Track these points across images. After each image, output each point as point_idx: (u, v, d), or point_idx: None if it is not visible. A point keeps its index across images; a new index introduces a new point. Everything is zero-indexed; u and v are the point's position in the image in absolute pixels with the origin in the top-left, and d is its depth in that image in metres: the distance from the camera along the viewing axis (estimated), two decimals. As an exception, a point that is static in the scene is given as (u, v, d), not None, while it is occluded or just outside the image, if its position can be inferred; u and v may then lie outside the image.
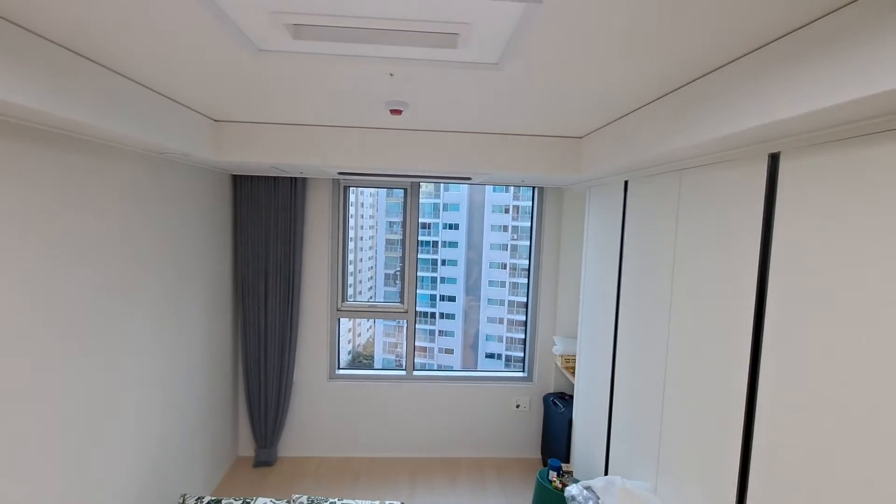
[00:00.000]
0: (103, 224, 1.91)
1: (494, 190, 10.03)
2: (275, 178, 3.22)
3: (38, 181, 1.57)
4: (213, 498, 2.28)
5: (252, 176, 3.22)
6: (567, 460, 3.09)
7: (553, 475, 2.53)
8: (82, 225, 1.79)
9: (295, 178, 3.24)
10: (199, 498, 2.28)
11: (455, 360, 10.46)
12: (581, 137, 2.47)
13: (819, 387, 1.17)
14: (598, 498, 1.94)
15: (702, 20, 1.02)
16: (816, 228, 1.20)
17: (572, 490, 2.02)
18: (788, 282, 1.28)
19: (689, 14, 0.99)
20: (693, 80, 1.43)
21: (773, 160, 1.37)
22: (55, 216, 1.65)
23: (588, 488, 2.02)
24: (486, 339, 10.23)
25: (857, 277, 1.08)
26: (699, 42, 1.14)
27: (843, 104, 0.94)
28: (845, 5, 0.92)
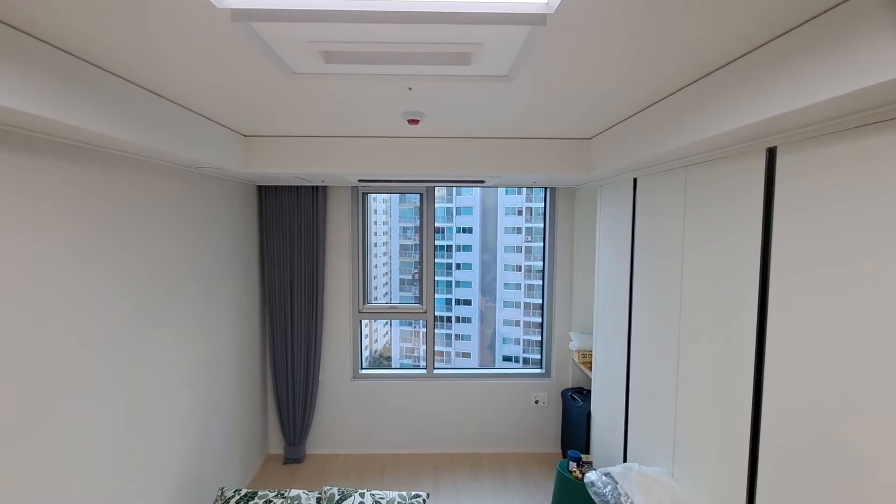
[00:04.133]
0: (143, 233, 2.08)
1: (507, 192, 10.12)
2: (297, 187, 3.39)
3: (83, 196, 1.75)
4: (250, 490, 2.42)
5: (276, 186, 3.39)
6: (586, 453, 3.16)
7: (573, 465, 2.61)
8: (125, 234, 1.96)
9: (316, 186, 3.40)
10: (236, 490, 2.43)
11: (472, 364, 10.54)
12: (589, 138, 2.57)
13: (820, 369, 1.26)
14: (617, 483, 2.02)
15: (698, 27, 1.12)
16: (812, 216, 1.29)
17: (591, 476, 2.11)
18: (789, 268, 1.37)
19: (686, 22, 1.09)
20: (692, 83, 1.53)
21: (771, 154, 1.46)
22: (100, 227, 1.83)
23: (607, 474, 2.10)
24: (504, 342, 10.28)
25: (851, 260, 1.17)
26: (696, 48, 1.24)
27: (832, 99, 1.02)
28: (833, 7, 1.00)
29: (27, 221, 1.46)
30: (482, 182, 3.08)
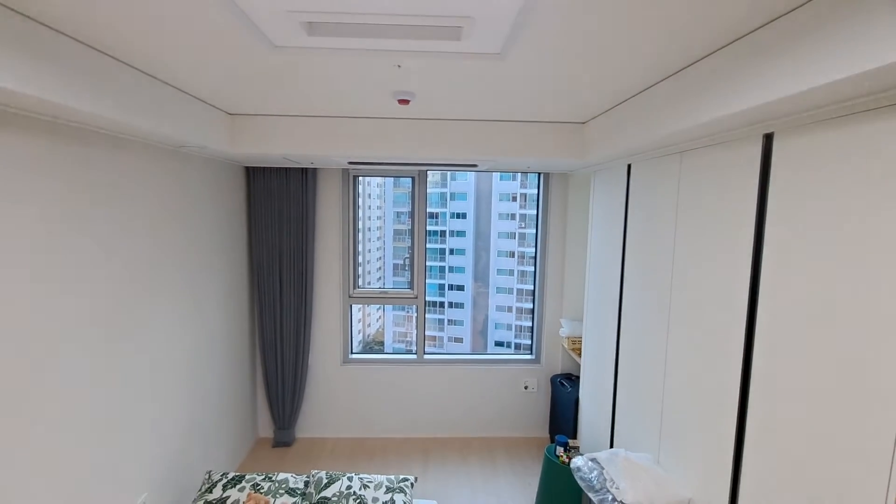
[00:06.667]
0: (126, 216, 2.02)
1: (501, 178, 10.06)
2: (286, 169, 3.32)
3: (67, 176, 1.68)
4: (237, 474, 2.42)
5: (264, 167, 3.31)
6: (574, 437, 3.19)
7: (560, 450, 2.63)
8: (108, 216, 1.90)
9: (305, 168, 3.33)
10: (223, 474, 2.42)
11: (465, 349, 10.61)
12: (584, 123, 2.52)
13: (808, 357, 1.24)
14: (603, 468, 2.03)
15: (699, 2, 1.07)
16: (807, 202, 1.26)
17: (577, 461, 2.12)
18: (781, 255, 1.35)
19: None
20: (690, 64, 1.48)
21: (767, 140, 1.43)
22: (82, 208, 1.76)
23: (593, 460, 2.11)
24: (496, 328, 10.35)
25: (846, 247, 1.15)
26: (696, 25, 1.19)
27: (831, 83, 0.99)
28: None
29: (-4, 199, 1.40)
30: (475, 166, 3.03)
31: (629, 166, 2.42)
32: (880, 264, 1.05)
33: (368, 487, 2.31)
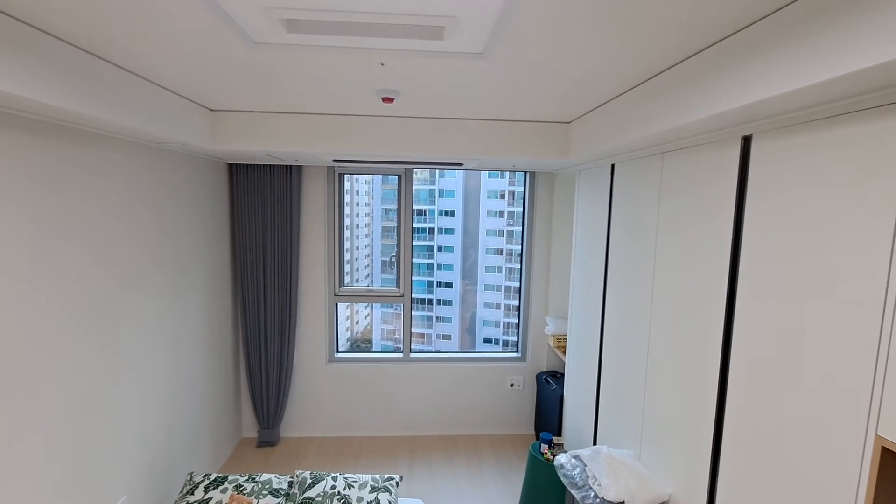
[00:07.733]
0: (106, 213, 1.97)
1: (490, 176, 10.07)
2: (270, 166, 3.27)
3: (41, 173, 1.63)
4: (220, 475, 2.39)
5: (248, 164, 3.27)
6: (559, 435, 3.22)
7: (545, 447, 2.65)
8: (86, 214, 1.85)
9: (290, 165, 3.29)
10: (206, 475, 2.39)
11: (453, 346, 10.63)
12: (569, 122, 2.53)
13: (784, 358, 1.27)
14: (585, 465, 2.05)
15: (680, 4, 1.08)
16: (783, 203, 1.28)
17: (561, 459, 2.14)
18: (758, 254, 1.37)
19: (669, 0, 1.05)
20: (672, 66, 1.50)
21: (746, 142, 1.45)
22: (59, 206, 1.72)
23: (576, 457, 2.13)
24: (484, 324, 10.39)
25: (818, 246, 1.17)
26: (678, 27, 1.20)
27: (807, 87, 1.00)
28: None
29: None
30: (460, 164, 3.03)
31: (613, 166, 2.44)
32: (854, 263, 1.07)
33: (353, 487, 2.30)
